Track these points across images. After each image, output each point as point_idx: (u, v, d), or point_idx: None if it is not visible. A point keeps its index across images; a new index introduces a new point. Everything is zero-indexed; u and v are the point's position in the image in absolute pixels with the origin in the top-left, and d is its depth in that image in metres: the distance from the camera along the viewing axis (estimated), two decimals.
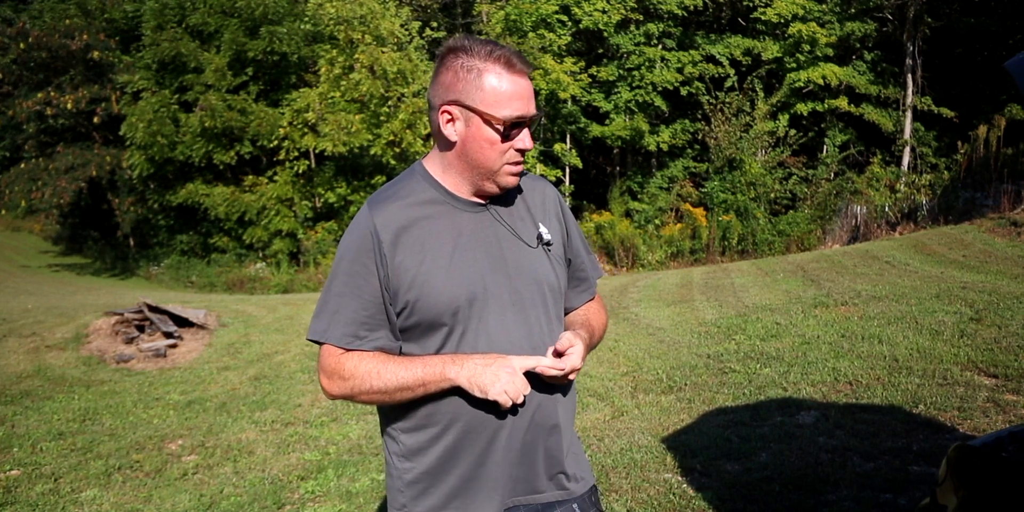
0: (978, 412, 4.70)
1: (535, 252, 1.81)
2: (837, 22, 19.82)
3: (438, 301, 1.69)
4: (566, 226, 1.93)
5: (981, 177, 16.00)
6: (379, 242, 1.70)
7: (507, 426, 1.73)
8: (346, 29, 18.86)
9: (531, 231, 1.83)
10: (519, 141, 1.71)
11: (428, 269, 1.70)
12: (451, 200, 1.77)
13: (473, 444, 1.73)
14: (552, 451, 1.81)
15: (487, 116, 1.67)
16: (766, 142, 20.04)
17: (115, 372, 7.69)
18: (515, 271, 1.77)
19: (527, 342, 1.75)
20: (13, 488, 4.63)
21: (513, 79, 1.68)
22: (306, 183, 21.75)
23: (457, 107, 1.69)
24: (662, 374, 6.33)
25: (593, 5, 19.96)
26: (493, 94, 1.67)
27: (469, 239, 1.75)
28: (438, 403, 1.72)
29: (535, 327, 1.77)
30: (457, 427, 1.73)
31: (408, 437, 1.77)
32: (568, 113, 20.89)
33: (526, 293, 1.77)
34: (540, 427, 1.78)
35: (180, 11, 21.99)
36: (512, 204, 1.84)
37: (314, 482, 4.55)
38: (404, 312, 1.71)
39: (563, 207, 1.95)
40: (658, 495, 3.96)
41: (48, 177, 22.84)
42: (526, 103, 1.70)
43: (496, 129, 1.68)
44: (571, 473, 1.85)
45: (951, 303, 7.37)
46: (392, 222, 1.71)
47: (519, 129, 1.71)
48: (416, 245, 1.71)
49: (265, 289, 19.72)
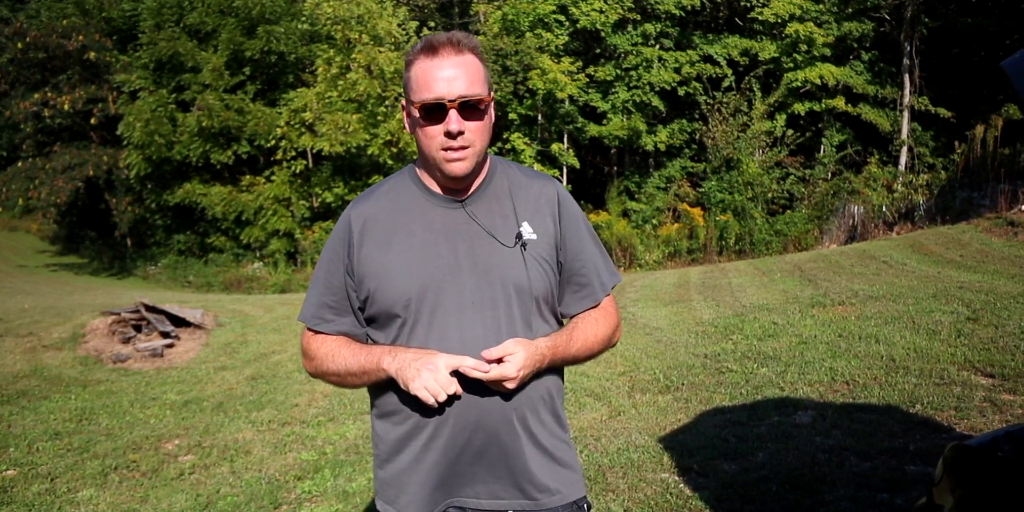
0: (975, 412, 4.70)
1: (509, 252, 1.77)
2: (834, 22, 19.83)
3: (392, 292, 1.74)
4: (561, 227, 1.85)
5: (978, 177, 16.01)
6: (350, 233, 1.79)
7: (449, 423, 1.73)
8: (343, 29, 18.85)
9: (510, 230, 1.79)
10: (444, 124, 1.68)
11: (390, 261, 1.75)
12: (428, 196, 1.80)
13: (419, 436, 1.77)
14: (510, 457, 1.77)
15: (410, 103, 1.72)
16: (763, 142, 20.04)
17: (112, 372, 7.67)
18: (482, 270, 1.75)
19: (483, 342, 1.71)
20: (9, 488, 4.61)
21: (434, 63, 1.68)
22: (303, 183, 21.73)
23: (407, 104, 1.75)
24: (659, 374, 6.33)
25: (591, 5, 19.94)
26: (415, 81, 1.70)
27: (439, 235, 1.76)
28: (402, 394, 1.74)
29: (494, 329, 1.73)
30: (412, 418, 1.76)
31: (379, 424, 1.85)
32: (565, 113, 20.88)
33: (490, 293, 1.74)
34: (489, 430, 1.74)
35: (178, 10, 21.97)
36: (496, 202, 1.82)
37: (311, 482, 4.54)
38: (367, 301, 1.79)
39: (563, 208, 1.86)
40: (655, 495, 3.96)
41: (45, 176, 22.80)
42: (447, 84, 1.67)
43: (420, 113, 1.69)
44: (542, 484, 1.80)
45: (948, 303, 7.37)
46: (366, 215, 1.80)
47: (441, 113, 1.68)
48: (383, 237, 1.77)
49: (262, 289, 19.70)
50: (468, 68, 1.69)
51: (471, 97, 1.68)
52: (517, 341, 1.70)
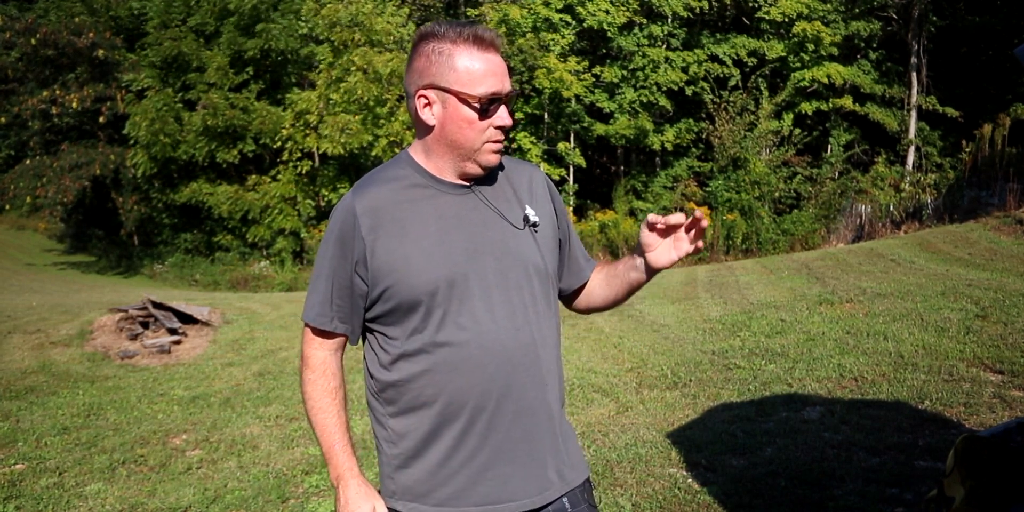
0: (984, 408, 4.69)
1: (522, 234, 1.80)
2: (842, 21, 19.78)
3: (417, 283, 1.69)
4: (555, 209, 1.91)
5: (986, 176, 15.97)
6: (358, 226, 1.72)
7: (488, 408, 1.72)
8: (340, 31, 18.90)
9: (517, 213, 1.81)
10: (498, 118, 1.71)
11: (408, 251, 1.70)
12: (434, 183, 1.77)
13: (451, 425, 1.72)
14: (547, 436, 1.79)
15: (463, 95, 1.68)
16: (770, 141, 20.00)
17: (119, 368, 7.69)
18: (501, 253, 1.75)
19: (510, 323, 1.73)
20: (18, 482, 4.63)
21: (485, 57, 1.69)
22: (309, 182, 21.76)
23: (433, 90, 1.70)
24: (667, 370, 6.32)
25: (597, 5, 19.92)
26: (467, 73, 1.67)
27: (452, 221, 1.74)
28: (421, 387, 1.72)
29: (519, 309, 1.75)
30: (441, 407, 1.72)
31: (397, 422, 1.79)
32: (572, 112, 20.86)
33: (511, 275, 1.76)
34: (526, 408, 1.75)
35: (184, 9, 22.02)
36: (499, 187, 1.83)
37: (318, 476, 4.54)
38: (383, 295, 1.72)
39: (551, 190, 1.94)
40: (663, 490, 3.96)
41: (52, 174, 22.83)
42: (500, 80, 1.69)
43: (473, 107, 1.68)
44: (570, 461, 1.84)
45: (956, 300, 7.34)
46: (373, 206, 1.73)
47: (496, 106, 1.70)
48: (397, 228, 1.72)
49: (269, 287, 19.72)
50: (505, 64, 1.74)
51: (514, 92, 1.74)
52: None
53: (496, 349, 1.71)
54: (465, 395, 1.70)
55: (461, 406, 1.71)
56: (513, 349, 1.72)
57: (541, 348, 1.78)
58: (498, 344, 1.71)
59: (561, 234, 1.92)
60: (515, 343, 1.73)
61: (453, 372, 1.70)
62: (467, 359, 1.70)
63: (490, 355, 1.70)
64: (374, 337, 1.80)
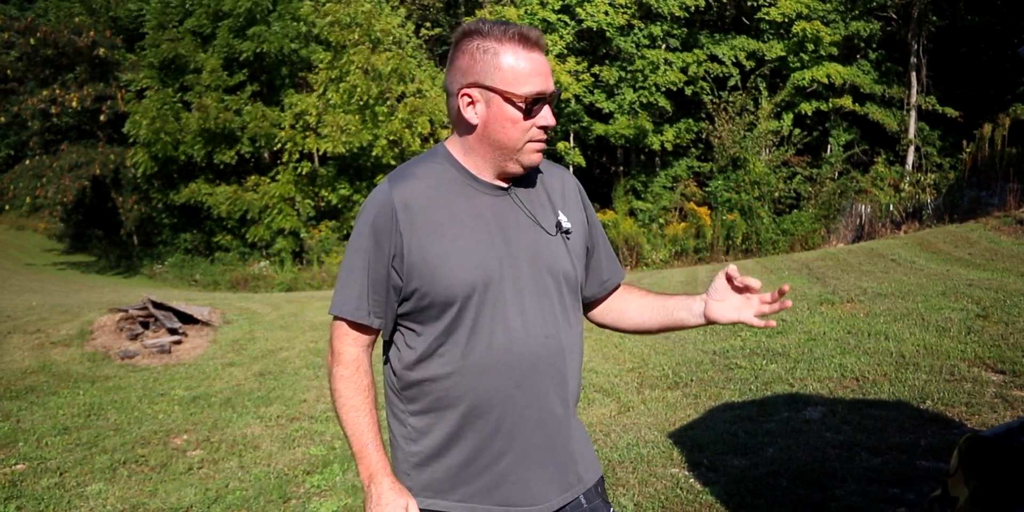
0: (986, 408, 4.68)
1: (553, 240, 1.78)
2: (841, 21, 19.79)
3: (453, 282, 1.66)
4: (587, 216, 1.90)
5: (986, 176, 15.98)
6: (396, 220, 1.68)
7: (512, 417, 1.71)
8: (340, 31, 18.89)
9: (550, 219, 1.79)
10: (541, 118, 1.69)
11: (445, 250, 1.67)
12: (472, 182, 1.74)
13: (474, 424, 1.71)
14: (565, 437, 1.80)
15: (508, 94, 1.66)
16: (770, 141, 20.02)
17: (120, 368, 7.68)
18: (533, 258, 1.73)
19: (541, 330, 1.72)
20: (19, 482, 4.62)
21: (530, 56, 1.67)
22: (308, 182, 21.76)
23: (477, 89, 1.68)
24: (668, 370, 6.31)
25: (596, 7, 19.91)
26: (512, 72, 1.65)
27: (488, 222, 1.72)
28: (447, 388, 1.70)
29: (550, 317, 1.74)
30: (468, 407, 1.70)
31: (418, 420, 1.76)
32: (571, 112, 20.86)
33: (543, 281, 1.74)
34: (547, 410, 1.75)
35: (182, 11, 22.02)
36: (534, 191, 1.81)
37: (319, 476, 4.54)
38: (417, 292, 1.69)
39: (583, 196, 1.92)
40: (665, 490, 3.95)
41: (52, 174, 22.84)
42: (545, 79, 1.68)
43: (519, 107, 1.66)
44: (585, 462, 1.85)
45: (957, 300, 7.34)
46: (411, 201, 1.69)
47: (540, 105, 1.69)
48: (434, 225, 1.68)
49: (269, 287, 19.72)
50: (548, 64, 1.74)
51: (557, 92, 1.73)
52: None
53: (525, 355, 1.70)
54: (491, 399, 1.69)
55: (487, 410, 1.70)
56: (542, 357, 1.72)
57: (568, 358, 1.77)
58: (527, 351, 1.70)
59: (590, 242, 1.91)
60: (544, 351, 1.72)
61: (480, 376, 1.68)
62: (496, 364, 1.68)
63: (519, 361, 1.69)
64: (401, 334, 1.77)
